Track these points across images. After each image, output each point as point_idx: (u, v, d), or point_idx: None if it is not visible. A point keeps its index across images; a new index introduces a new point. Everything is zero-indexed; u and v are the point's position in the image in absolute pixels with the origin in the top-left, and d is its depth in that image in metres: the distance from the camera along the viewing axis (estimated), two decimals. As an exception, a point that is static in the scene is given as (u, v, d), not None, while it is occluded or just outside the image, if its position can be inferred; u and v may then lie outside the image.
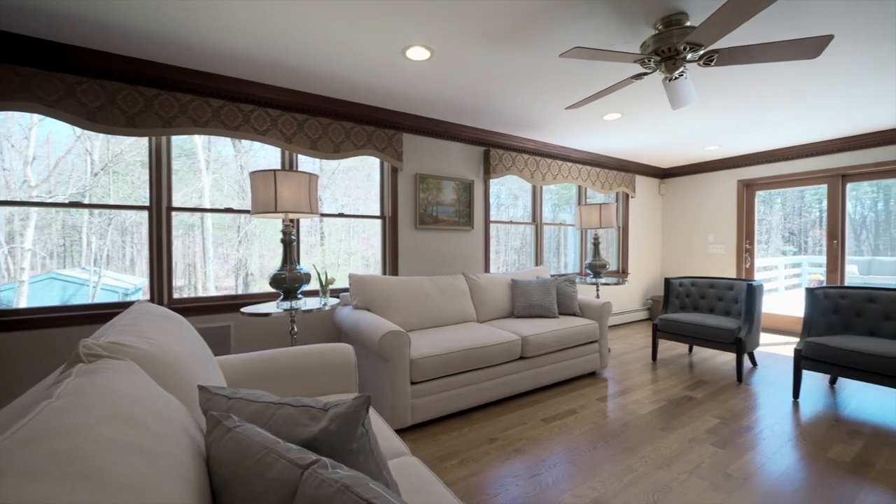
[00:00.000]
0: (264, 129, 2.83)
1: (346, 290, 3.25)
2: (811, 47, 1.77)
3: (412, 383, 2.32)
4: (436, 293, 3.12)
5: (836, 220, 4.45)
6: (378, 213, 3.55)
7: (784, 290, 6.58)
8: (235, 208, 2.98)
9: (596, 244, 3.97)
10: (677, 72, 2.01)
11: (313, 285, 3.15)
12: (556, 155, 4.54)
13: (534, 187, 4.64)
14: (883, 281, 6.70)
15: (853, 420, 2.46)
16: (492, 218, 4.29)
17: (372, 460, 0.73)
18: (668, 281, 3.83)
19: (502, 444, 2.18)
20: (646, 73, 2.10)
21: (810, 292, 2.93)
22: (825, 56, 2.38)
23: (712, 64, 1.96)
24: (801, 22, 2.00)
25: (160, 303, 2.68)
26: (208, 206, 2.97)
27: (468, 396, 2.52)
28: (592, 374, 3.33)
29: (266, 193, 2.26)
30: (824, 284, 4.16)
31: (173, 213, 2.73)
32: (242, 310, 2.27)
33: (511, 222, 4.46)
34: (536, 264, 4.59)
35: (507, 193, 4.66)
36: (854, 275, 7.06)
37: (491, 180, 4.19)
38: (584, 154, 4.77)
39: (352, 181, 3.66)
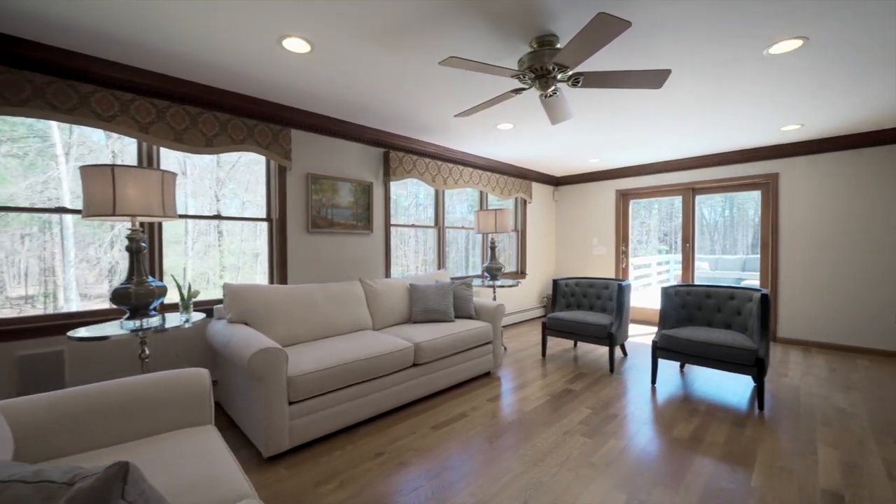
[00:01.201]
0: (110, 114, 2.38)
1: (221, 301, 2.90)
2: (655, 78, 2.01)
3: (291, 403, 2.13)
4: (326, 302, 2.94)
5: (688, 226, 5.24)
6: (264, 216, 3.24)
7: (657, 285, 7.62)
8: (68, 207, 2.47)
9: (493, 248, 4.13)
10: (550, 90, 2.13)
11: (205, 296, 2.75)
12: (458, 160, 4.63)
13: (436, 191, 4.67)
14: (727, 274, 8.12)
15: (695, 399, 2.89)
16: (397, 221, 4.21)
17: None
18: (555, 282, 4.14)
19: (388, 459, 2.11)
20: (523, 89, 2.20)
21: (664, 291, 3.37)
22: (674, 88, 2.75)
23: (579, 85, 2.12)
24: (650, 53, 2.27)
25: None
26: (67, 201, 2.45)
27: (356, 411, 2.41)
28: (487, 374, 3.44)
29: (103, 193, 1.88)
30: (679, 283, 4.87)
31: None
32: (70, 333, 1.87)
33: (413, 226, 4.43)
34: (438, 268, 4.63)
35: (417, 196, 4.62)
36: (706, 270, 8.45)
37: (392, 183, 4.11)
38: (484, 160, 4.94)
39: (253, 175, 3.29)
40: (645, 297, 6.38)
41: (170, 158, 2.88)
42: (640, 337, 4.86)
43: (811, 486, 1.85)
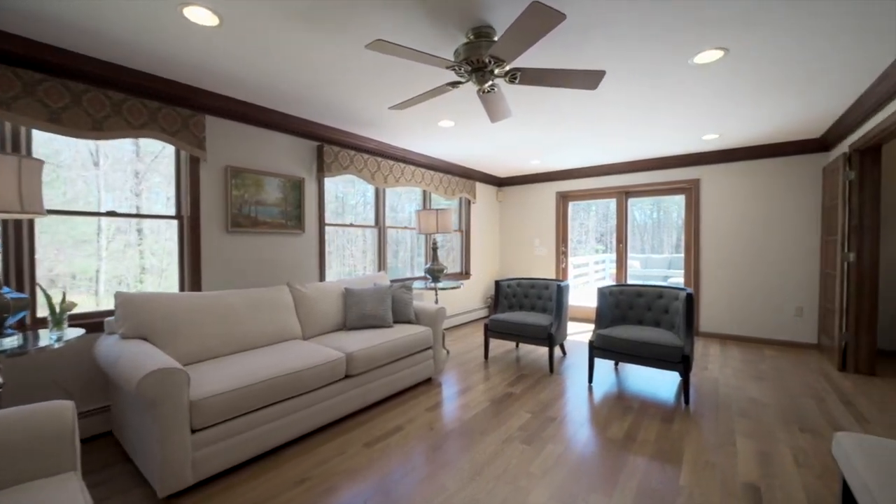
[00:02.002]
0: (-47, 84, 1.92)
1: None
2: (591, 79, 1.98)
3: (195, 431, 1.84)
4: (247, 310, 2.63)
5: (622, 227, 5.48)
6: (174, 213, 2.84)
7: (594, 283, 7.97)
8: None
9: (434, 249, 4.01)
10: (487, 84, 2.04)
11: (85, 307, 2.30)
12: (400, 157, 4.45)
13: (377, 189, 4.45)
14: (655, 272, 8.70)
15: (628, 396, 2.97)
16: (343, 220, 3.94)
17: None
18: (497, 283, 4.11)
19: (313, 485, 1.90)
20: (460, 82, 2.08)
21: (600, 291, 3.45)
22: (609, 93, 2.79)
23: (517, 82, 2.04)
24: (586, 56, 2.26)
25: None
26: None
27: (279, 432, 2.16)
28: (428, 381, 3.31)
29: (-71, 181, 1.48)
30: (614, 282, 5.07)
31: None
32: None
33: (351, 225, 4.18)
34: (379, 270, 4.42)
35: (365, 195, 4.36)
36: (637, 269, 9.02)
37: (330, 179, 3.84)
38: (427, 159, 4.81)
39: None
40: (583, 295, 6.62)
41: (79, 147, 2.45)
42: (579, 335, 5.00)
43: (732, 479, 1.92)
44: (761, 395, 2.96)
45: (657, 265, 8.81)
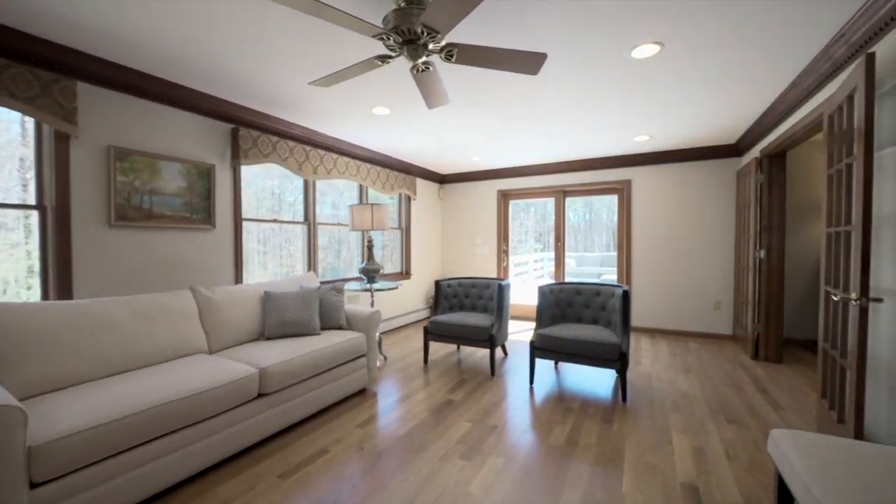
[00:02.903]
0: None
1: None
2: (531, 61, 1.84)
3: (35, 485, 1.40)
4: (132, 321, 2.16)
5: (560, 227, 5.56)
6: (33, 202, 2.27)
7: (534, 281, 8.10)
8: None
9: (370, 247, 3.71)
10: (420, 61, 1.81)
11: None
12: (332, 147, 4.08)
13: (306, 182, 4.04)
14: (590, 269, 9.09)
15: (568, 395, 2.91)
16: (280, 217, 3.47)
17: None
18: (437, 283, 3.91)
19: (207, 536, 1.54)
20: (390, 56, 1.83)
21: (540, 289, 3.39)
22: (549, 84, 2.70)
23: (453, 60, 1.84)
24: (527, 39, 2.12)
25: None
26: None
27: (167, 471, 1.75)
28: (362, 392, 3.01)
29: None
30: (553, 280, 5.11)
31: None
32: None
33: (275, 221, 3.73)
34: (309, 269, 4.02)
35: (296, 190, 3.91)
36: (573, 267, 9.37)
37: (244, 167, 3.38)
38: (363, 150, 4.48)
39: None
40: (524, 293, 6.67)
41: None
42: (520, 333, 4.97)
43: (671, 480, 1.88)
44: (690, 387, 3.06)
45: (590, 263, 9.21)
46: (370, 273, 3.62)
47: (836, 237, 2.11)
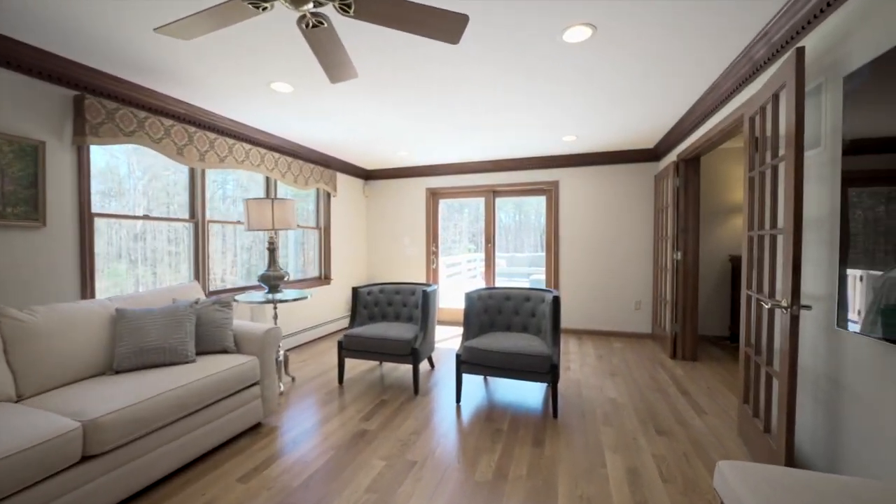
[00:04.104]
0: None
1: None
2: (450, 24, 1.50)
3: None
4: None
5: (490, 227, 5.38)
6: None
7: (468, 282, 7.90)
8: None
9: (271, 250, 3.14)
10: (308, 7, 1.38)
11: None
12: (227, 131, 3.42)
13: (192, 171, 3.34)
14: (519, 270, 9.16)
15: (497, 414, 2.65)
16: (211, 216, 2.72)
17: None
18: (355, 291, 3.45)
19: None
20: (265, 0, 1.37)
21: (468, 296, 3.10)
22: (475, 62, 2.40)
23: (351, 12, 1.43)
24: (448, 4, 1.78)
25: None
26: None
27: None
28: (255, 428, 2.47)
29: None
30: (483, 284, 4.90)
31: None
32: None
33: (146, 218, 3.00)
34: (195, 278, 3.32)
35: (250, 184, 3.15)
36: (504, 267, 9.39)
37: (95, 146, 2.63)
38: (271, 137, 3.86)
39: None
40: (457, 296, 6.41)
41: None
42: (451, 340, 4.67)
43: (608, 515, 1.67)
44: (618, 393, 2.97)
45: (521, 263, 9.30)
46: (271, 281, 3.05)
47: (760, 240, 2.08)
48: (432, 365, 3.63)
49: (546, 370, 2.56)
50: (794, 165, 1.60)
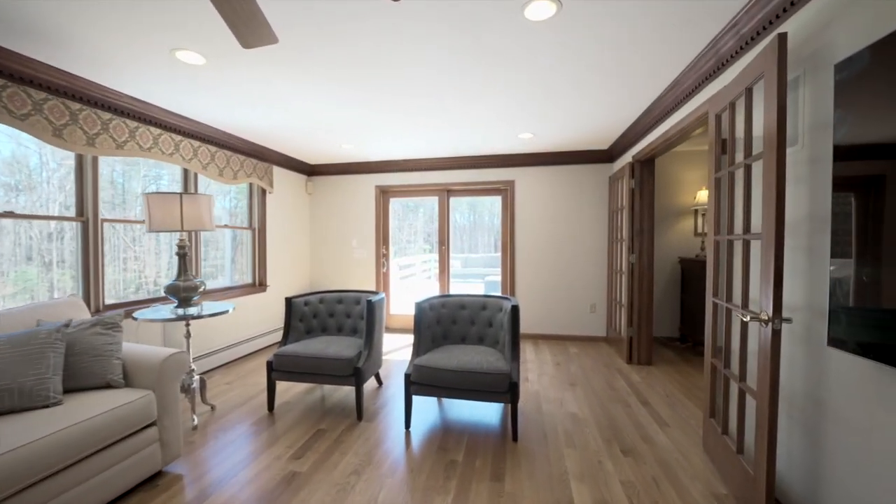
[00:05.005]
0: None
1: None
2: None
3: None
4: None
5: (444, 228, 5.10)
6: None
7: (423, 282, 7.56)
8: None
9: (182, 255, 2.61)
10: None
11: None
12: (128, 111, 2.83)
13: (80, 158, 2.72)
14: (474, 270, 8.96)
15: (453, 438, 2.35)
16: (109, 215, 2.09)
17: None
18: (289, 302, 3.00)
19: None
20: None
21: (418, 305, 2.78)
22: (424, 38, 2.08)
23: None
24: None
25: None
26: None
27: None
28: (154, 479, 1.98)
29: None
30: (437, 292, 4.60)
31: None
32: None
33: (11, 215, 2.37)
34: (82, 290, 2.71)
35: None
36: (458, 268, 9.16)
37: (-74, 125, 2.00)
38: (188, 122, 3.29)
39: None
40: (410, 302, 6.05)
41: None
42: (403, 350, 4.32)
43: (580, 570, 1.42)
44: (578, 407, 2.79)
45: (476, 264, 9.13)
46: (181, 293, 2.53)
47: (729, 245, 1.95)
48: (380, 382, 3.27)
49: (505, 389, 2.30)
50: (775, 165, 1.44)
